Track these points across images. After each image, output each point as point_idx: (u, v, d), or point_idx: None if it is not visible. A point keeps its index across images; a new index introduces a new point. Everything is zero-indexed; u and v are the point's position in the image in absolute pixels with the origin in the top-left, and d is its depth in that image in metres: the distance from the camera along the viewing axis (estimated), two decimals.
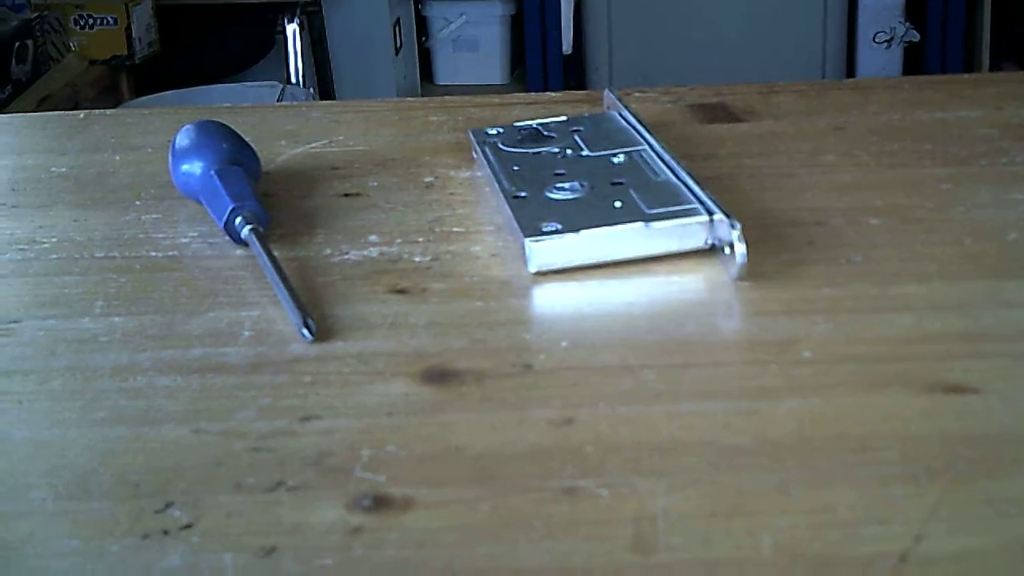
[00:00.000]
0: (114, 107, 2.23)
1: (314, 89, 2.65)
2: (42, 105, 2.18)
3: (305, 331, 0.52)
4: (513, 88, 3.12)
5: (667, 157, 0.62)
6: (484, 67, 3.13)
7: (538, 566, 0.40)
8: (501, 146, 0.67)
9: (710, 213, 0.56)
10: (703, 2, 3.05)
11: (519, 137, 0.68)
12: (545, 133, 0.68)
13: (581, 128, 0.68)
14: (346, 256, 0.59)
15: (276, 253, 0.58)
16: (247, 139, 0.66)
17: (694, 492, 0.42)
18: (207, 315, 0.55)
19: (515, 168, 0.64)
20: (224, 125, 0.66)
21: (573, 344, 0.51)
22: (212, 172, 0.62)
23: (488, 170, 0.64)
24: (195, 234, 0.62)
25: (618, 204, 0.58)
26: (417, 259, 0.58)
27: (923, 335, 0.51)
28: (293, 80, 2.56)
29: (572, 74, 3.18)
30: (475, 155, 0.68)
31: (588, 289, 0.55)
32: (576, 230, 0.56)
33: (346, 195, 0.65)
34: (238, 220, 0.60)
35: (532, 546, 0.40)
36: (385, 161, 0.69)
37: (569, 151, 0.65)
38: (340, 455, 0.45)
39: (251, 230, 0.59)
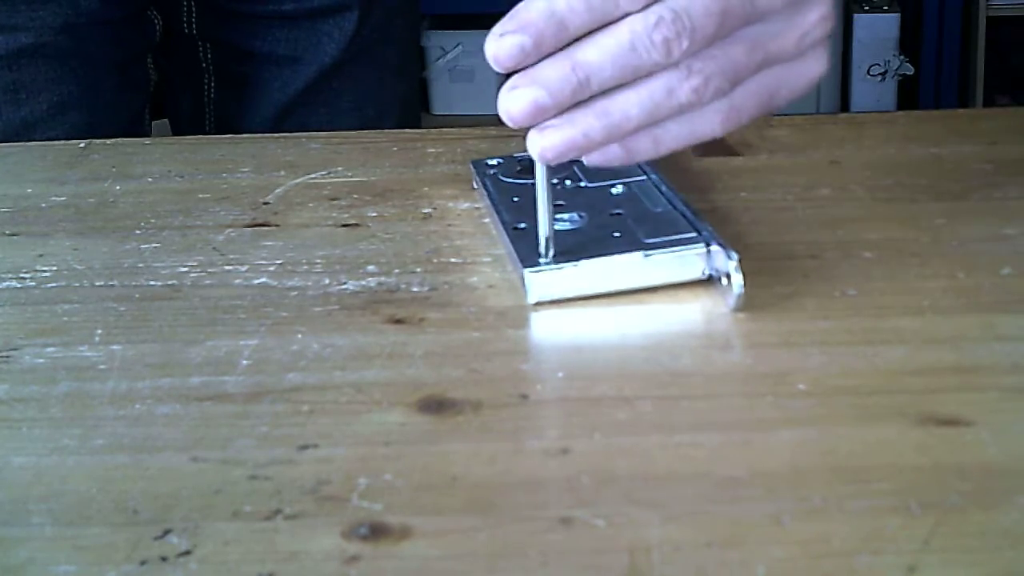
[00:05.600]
0: None
1: None
2: None
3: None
4: None
5: (665, 188, 0.62)
6: (480, 97, 3.14)
7: None
8: (501, 177, 0.67)
9: (707, 244, 0.57)
10: None
11: (518, 168, 0.68)
12: None
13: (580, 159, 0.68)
14: (344, 286, 0.59)
15: (274, 283, 0.59)
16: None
17: (689, 523, 0.42)
18: (206, 344, 0.55)
19: (515, 199, 0.64)
20: None
21: (569, 375, 0.52)
22: None
23: (488, 201, 0.65)
24: (194, 263, 0.62)
25: (616, 235, 0.59)
26: (415, 289, 0.59)
27: (916, 368, 0.51)
28: None
29: None
30: (475, 186, 0.68)
31: (585, 320, 0.56)
32: (575, 261, 0.57)
33: (344, 225, 0.66)
34: None
35: (528, 575, 0.40)
36: (384, 192, 0.70)
37: (568, 182, 0.65)
38: (337, 484, 0.45)
39: None
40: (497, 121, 0.62)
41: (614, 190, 0.64)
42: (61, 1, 0.88)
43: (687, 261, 0.57)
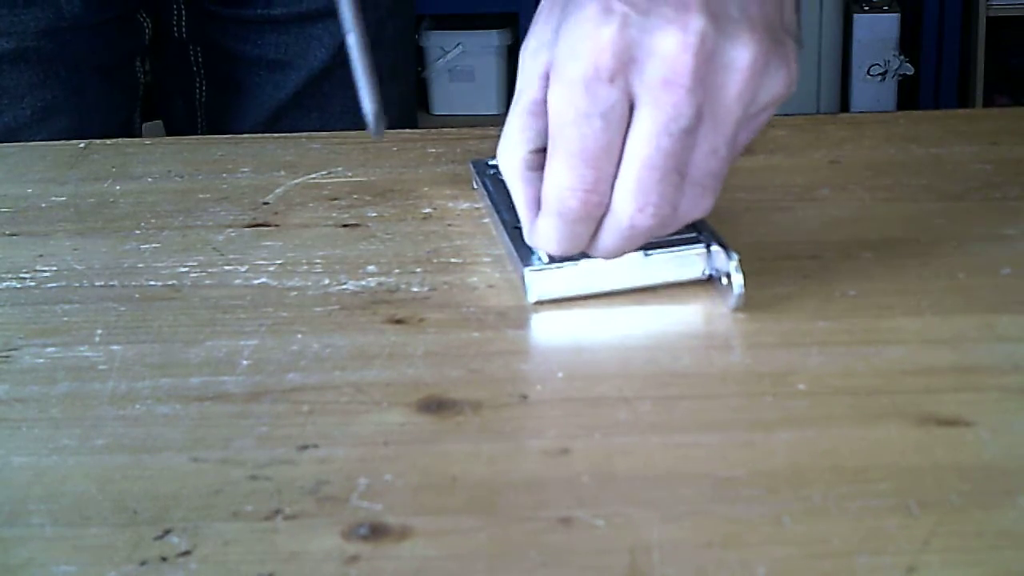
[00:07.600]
0: None
1: None
2: None
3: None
4: None
5: None
6: (481, 97, 3.14)
7: None
8: (501, 177, 0.67)
9: (707, 244, 0.57)
10: None
11: None
12: None
13: None
14: (344, 286, 0.59)
15: (274, 283, 0.59)
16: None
17: (689, 523, 0.42)
18: (206, 344, 0.55)
19: None
20: None
21: (569, 375, 0.52)
22: None
23: (488, 201, 0.65)
24: (194, 263, 0.62)
25: None
26: (415, 290, 0.59)
27: (916, 368, 0.51)
28: None
29: None
30: (475, 186, 0.69)
31: (585, 320, 0.56)
32: (575, 260, 0.57)
33: (344, 226, 0.66)
34: None
35: (528, 575, 0.40)
36: (384, 192, 0.70)
37: None
38: (337, 484, 0.45)
39: None
40: (497, 121, 0.62)
41: None
42: (43, 5, 0.88)
43: (687, 261, 0.57)
